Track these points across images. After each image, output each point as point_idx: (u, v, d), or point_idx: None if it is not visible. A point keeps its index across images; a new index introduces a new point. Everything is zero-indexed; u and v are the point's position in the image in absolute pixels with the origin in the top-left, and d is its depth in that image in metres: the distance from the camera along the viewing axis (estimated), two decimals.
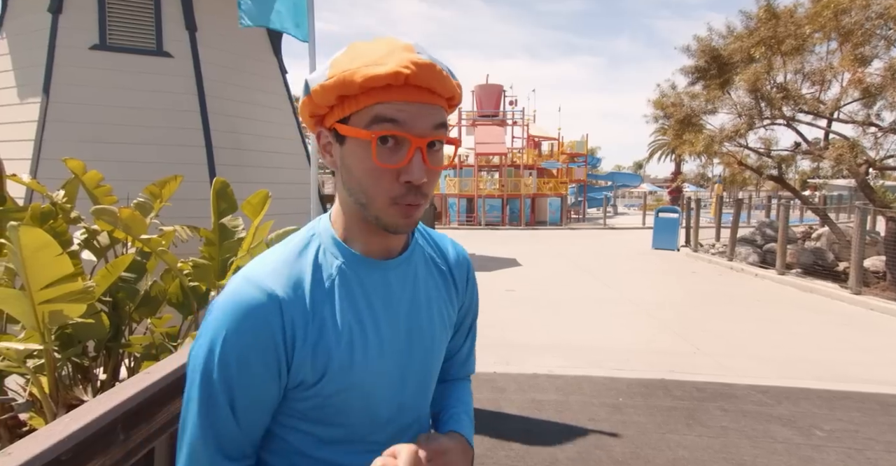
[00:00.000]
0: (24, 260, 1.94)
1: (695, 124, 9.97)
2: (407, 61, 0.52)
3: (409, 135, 0.54)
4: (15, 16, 5.47)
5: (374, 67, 0.52)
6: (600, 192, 26.23)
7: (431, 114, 0.56)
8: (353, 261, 0.61)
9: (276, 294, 0.56)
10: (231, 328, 0.55)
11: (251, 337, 0.55)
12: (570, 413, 3.05)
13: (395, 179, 0.56)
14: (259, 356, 0.55)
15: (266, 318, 0.55)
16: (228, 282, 0.58)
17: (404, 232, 0.60)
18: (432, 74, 0.53)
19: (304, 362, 0.57)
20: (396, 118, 0.54)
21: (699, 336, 4.77)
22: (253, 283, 0.56)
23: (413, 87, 0.54)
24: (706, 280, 7.94)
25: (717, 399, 3.28)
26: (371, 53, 0.54)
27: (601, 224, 18.67)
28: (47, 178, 3.97)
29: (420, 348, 0.65)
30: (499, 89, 21.09)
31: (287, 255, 0.60)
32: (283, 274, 0.58)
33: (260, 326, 0.55)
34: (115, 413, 0.68)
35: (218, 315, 0.56)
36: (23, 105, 5.16)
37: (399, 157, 0.55)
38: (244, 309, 0.55)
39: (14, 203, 2.73)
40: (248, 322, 0.55)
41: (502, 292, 6.65)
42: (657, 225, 11.69)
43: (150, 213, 3.21)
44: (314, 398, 0.59)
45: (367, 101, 0.54)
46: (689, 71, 10.12)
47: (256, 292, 0.56)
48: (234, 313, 0.55)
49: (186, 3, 5.52)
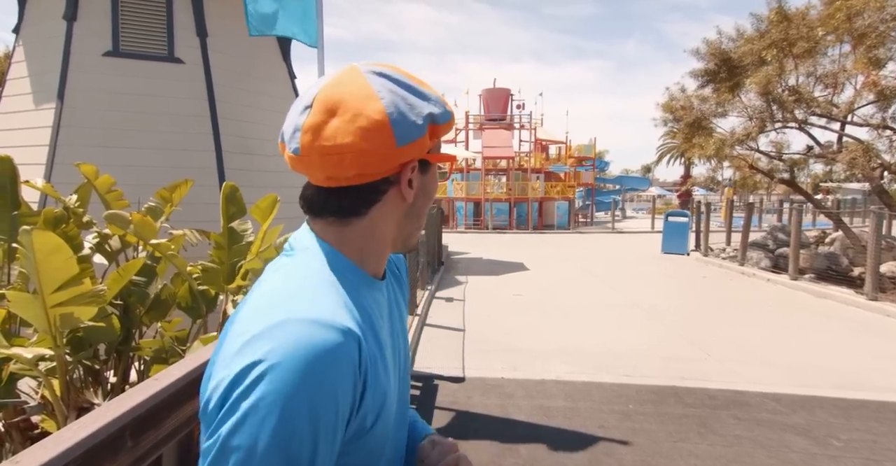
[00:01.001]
0: (36, 263, 1.97)
1: (705, 127, 9.88)
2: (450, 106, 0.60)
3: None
4: (31, 23, 5.58)
5: (448, 111, 0.58)
6: (608, 196, 26.08)
7: None
8: (365, 283, 0.56)
9: (353, 330, 0.46)
10: (323, 385, 0.42)
11: (345, 390, 0.44)
12: (580, 419, 3.01)
13: None
14: (348, 410, 0.46)
15: (352, 362, 0.45)
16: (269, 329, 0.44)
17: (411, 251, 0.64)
18: None
19: (370, 406, 0.49)
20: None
21: (710, 342, 4.70)
22: (317, 322, 0.44)
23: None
24: (717, 285, 7.84)
25: (730, 406, 3.23)
26: (433, 94, 0.59)
27: (609, 228, 18.54)
28: (61, 183, 4.02)
29: (402, 363, 0.64)
30: (506, 93, 21.09)
31: (320, 282, 0.51)
32: (340, 306, 0.49)
33: (350, 373, 0.45)
34: (123, 420, 0.67)
35: (289, 375, 0.41)
36: (38, 111, 5.25)
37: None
38: (330, 357, 0.43)
39: (28, 207, 2.77)
40: (340, 373, 0.44)
41: (509, 297, 6.61)
42: (666, 229, 11.58)
43: (160, 217, 3.25)
44: (361, 447, 0.51)
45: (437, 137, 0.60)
46: (698, 74, 10.05)
47: (334, 334, 0.44)
48: (321, 364, 0.42)
49: (198, 9, 5.60)
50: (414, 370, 3.71)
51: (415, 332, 4.41)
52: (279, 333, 0.43)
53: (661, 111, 10.79)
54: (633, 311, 5.90)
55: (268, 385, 0.41)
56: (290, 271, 0.53)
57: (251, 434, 0.41)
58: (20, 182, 2.83)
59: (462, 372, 3.72)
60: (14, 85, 5.62)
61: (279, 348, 0.42)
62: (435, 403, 3.18)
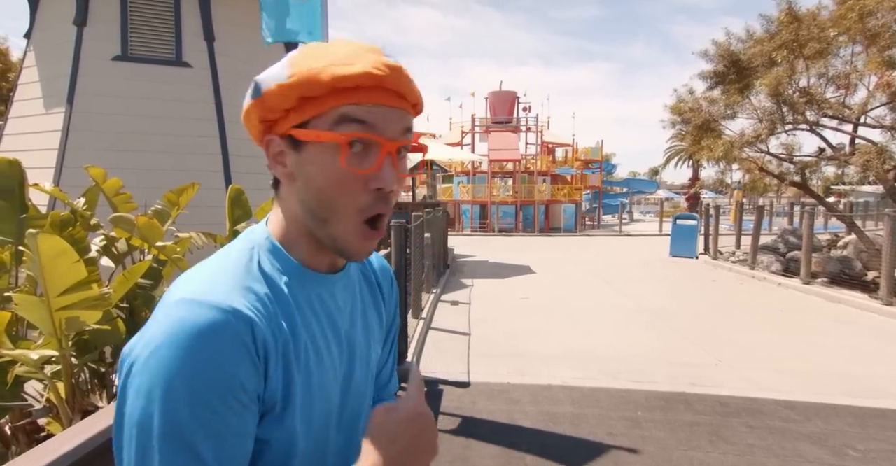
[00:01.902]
0: (42, 267, 1.96)
1: (713, 129, 9.78)
2: (379, 63, 0.49)
3: (381, 138, 0.50)
4: (42, 28, 5.65)
5: (344, 67, 0.48)
6: (615, 199, 25.91)
7: (401, 117, 0.52)
8: (299, 276, 0.55)
9: (239, 309, 0.47)
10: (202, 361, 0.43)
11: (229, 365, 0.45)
12: (587, 426, 2.96)
13: (364, 187, 0.51)
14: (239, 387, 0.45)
15: (240, 337, 0.46)
16: (161, 312, 0.46)
17: (362, 258, 0.55)
18: (402, 78, 0.51)
19: (276, 390, 0.49)
20: (366, 119, 0.49)
21: (721, 347, 4.62)
22: (203, 304, 0.45)
23: (382, 90, 0.50)
24: (727, 288, 7.73)
25: (742, 414, 3.16)
26: (337, 52, 0.51)
27: (617, 231, 18.41)
28: (70, 186, 4.05)
29: (361, 367, 0.61)
30: (512, 96, 21.07)
31: (231, 268, 0.51)
32: (236, 289, 0.49)
33: (236, 349, 0.45)
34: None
35: (169, 353, 0.43)
36: (48, 115, 5.31)
37: (369, 163, 0.50)
38: (210, 334, 0.44)
39: (36, 210, 2.78)
40: (222, 348, 0.44)
41: (516, 300, 6.56)
42: (675, 232, 11.46)
43: (167, 220, 3.25)
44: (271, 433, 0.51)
45: (332, 103, 0.49)
46: (707, 75, 9.96)
47: (215, 312, 0.45)
48: (198, 341, 0.43)
49: (205, 14, 5.64)
50: None
51: (419, 336, 4.37)
52: (168, 313, 0.45)
53: (669, 113, 10.70)
54: (641, 315, 5.83)
55: (150, 363, 0.43)
56: (218, 255, 0.54)
57: (140, 411, 0.43)
58: (28, 185, 2.84)
59: (467, 377, 3.68)
60: (25, 89, 5.69)
61: (164, 328, 0.44)
62: (440, 408, 3.14)
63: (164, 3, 5.51)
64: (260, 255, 0.54)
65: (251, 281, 0.51)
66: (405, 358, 3.65)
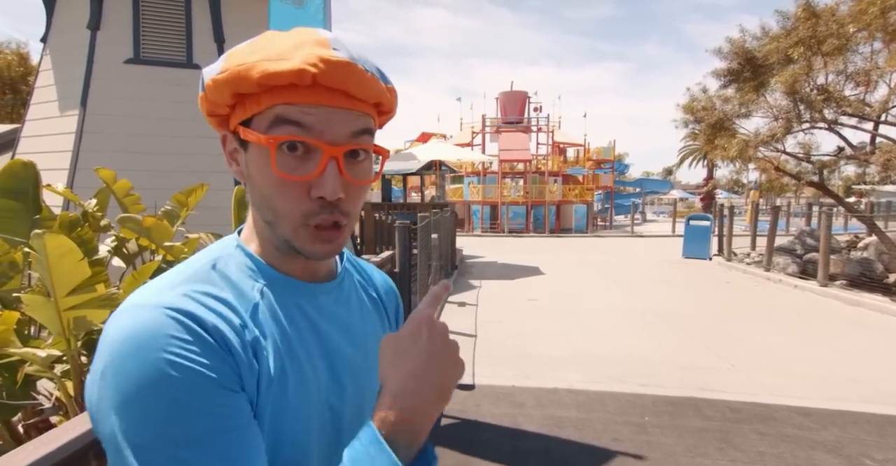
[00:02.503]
0: (49, 267, 1.99)
1: (727, 128, 9.60)
2: (315, 58, 0.44)
3: (320, 142, 0.46)
4: (57, 32, 5.77)
5: (276, 63, 0.44)
6: (628, 199, 25.62)
7: (349, 119, 0.47)
8: (275, 283, 0.51)
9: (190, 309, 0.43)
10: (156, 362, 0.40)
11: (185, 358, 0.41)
12: (592, 431, 2.91)
13: (306, 194, 0.47)
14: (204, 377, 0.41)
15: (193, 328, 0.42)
16: (111, 323, 0.43)
17: (322, 258, 0.51)
18: (347, 74, 0.45)
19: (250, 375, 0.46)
20: (302, 122, 0.46)
21: (733, 351, 4.52)
22: (148, 306, 0.43)
23: (323, 88, 0.46)
24: (741, 291, 7.57)
25: (753, 420, 3.08)
26: (277, 46, 0.46)
27: (629, 231, 18.19)
28: (84, 187, 4.13)
29: (355, 378, 0.56)
30: (523, 96, 20.97)
31: (188, 275, 0.47)
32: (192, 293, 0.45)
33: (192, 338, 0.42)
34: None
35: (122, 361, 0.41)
36: (62, 117, 5.41)
37: (309, 168, 0.46)
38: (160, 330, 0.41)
39: (49, 211, 2.83)
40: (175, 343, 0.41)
41: (524, 302, 6.51)
42: (688, 233, 11.28)
43: (177, 221, 3.29)
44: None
45: (268, 102, 0.46)
46: (720, 74, 9.78)
47: (160, 312, 0.42)
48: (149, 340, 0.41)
49: (216, 16, 5.71)
50: None
51: None
52: (117, 319, 0.44)
53: (682, 112, 10.53)
54: (650, 317, 5.74)
55: (101, 384, 0.41)
56: (181, 264, 0.51)
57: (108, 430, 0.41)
58: (42, 186, 2.89)
59: (472, 380, 3.65)
60: (41, 92, 5.82)
61: (110, 334, 0.43)
62: (443, 411, 3.12)
63: (176, 6, 5.59)
64: (226, 263, 0.51)
65: (209, 287, 0.47)
66: None
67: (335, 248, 0.51)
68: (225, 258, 0.51)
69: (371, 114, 0.50)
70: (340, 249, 0.52)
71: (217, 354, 0.43)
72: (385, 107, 0.51)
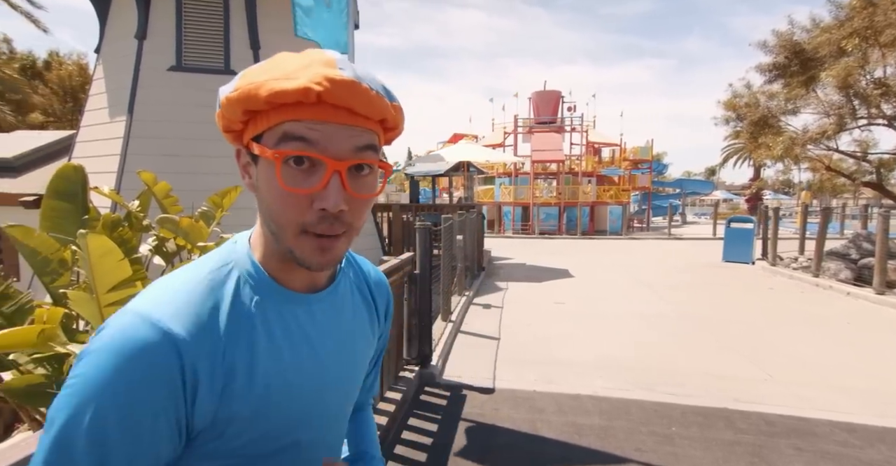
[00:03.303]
0: (91, 265, 2.12)
1: (772, 126, 9.11)
2: (320, 77, 0.47)
3: (324, 156, 0.48)
4: (109, 43, 6.16)
5: (283, 82, 0.47)
6: (666, 200, 24.73)
7: (353, 135, 0.50)
8: (274, 295, 0.55)
9: (175, 333, 0.47)
10: (115, 377, 0.44)
11: (142, 390, 0.45)
12: (614, 440, 2.82)
13: (309, 206, 0.50)
14: (149, 414, 0.45)
15: (162, 364, 0.46)
16: (114, 317, 0.47)
17: (321, 269, 0.53)
18: (351, 92, 0.48)
19: (207, 413, 0.49)
20: (307, 137, 0.48)
21: (772, 361, 4.27)
22: (146, 320, 0.47)
23: (328, 106, 0.48)
24: (785, 297, 7.15)
25: (791, 435, 2.90)
26: (285, 66, 0.49)
27: (665, 233, 17.53)
28: (131, 189, 4.38)
29: (342, 388, 0.61)
30: (556, 95, 20.64)
31: (196, 284, 0.51)
32: (186, 309, 0.49)
33: (154, 375, 0.45)
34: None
35: (96, 359, 0.44)
36: (111, 123, 5.77)
37: (313, 182, 0.49)
38: (134, 353, 0.45)
39: (97, 212, 3.02)
40: (139, 370, 0.45)
41: (550, 305, 6.39)
42: (728, 235, 10.77)
43: (212, 222, 3.44)
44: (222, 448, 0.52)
45: (276, 119, 0.49)
46: (765, 68, 9.30)
47: (150, 331, 0.46)
48: (120, 357, 0.44)
49: (252, 24, 5.93)
50: (442, 378, 3.66)
51: (447, 339, 4.35)
52: (112, 323, 0.47)
53: (723, 109, 10.09)
54: (684, 324, 5.51)
55: (76, 367, 0.46)
56: (195, 265, 0.55)
57: (52, 410, 0.45)
58: (90, 189, 3.09)
59: (492, 383, 3.62)
60: (94, 100, 6.22)
61: (102, 338, 0.46)
62: (461, 414, 3.10)
63: (215, 15, 5.85)
64: (234, 273, 0.54)
65: (210, 301, 0.51)
66: (430, 362, 3.64)
67: (333, 258, 0.52)
68: (235, 267, 0.54)
69: (375, 131, 0.52)
70: (339, 259, 0.54)
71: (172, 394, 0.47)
72: (390, 124, 0.53)
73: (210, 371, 0.49)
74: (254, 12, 5.90)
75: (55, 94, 18.04)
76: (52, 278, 2.55)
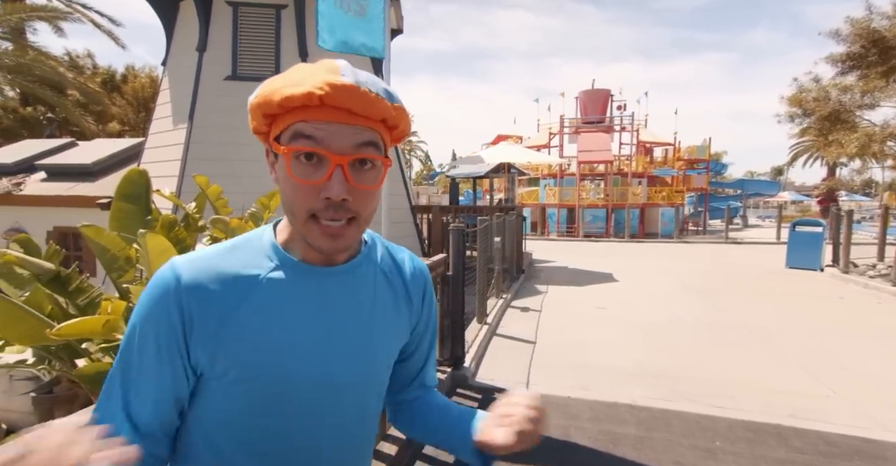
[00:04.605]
0: (149, 263, 2.31)
1: (845, 121, 8.36)
2: (322, 82, 0.54)
3: (327, 152, 0.55)
4: (174, 55, 6.66)
5: (292, 88, 0.55)
6: (725, 202, 23.28)
7: (353, 133, 0.56)
8: (288, 266, 0.63)
9: (182, 279, 0.59)
10: (141, 301, 0.60)
11: (152, 313, 0.59)
12: (652, 452, 2.70)
13: (316, 195, 0.57)
14: (153, 334, 0.59)
15: (165, 299, 0.58)
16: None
17: (332, 253, 0.61)
18: (349, 95, 0.54)
19: (204, 350, 0.59)
20: (313, 135, 0.55)
21: (837, 375, 3.92)
22: (171, 265, 0.60)
23: (330, 108, 0.55)
24: (857, 308, 6.53)
25: (854, 458, 2.65)
26: (296, 74, 0.57)
27: (722, 237, 16.50)
28: (189, 192, 4.72)
29: (349, 359, 0.65)
30: (605, 94, 20.03)
31: (221, 247, 0.64)
32: (200, 262, 0.61)
33: (159, 306, 0.59)
34: None
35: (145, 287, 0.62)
36: (174, 130, 6.24)
37: (320, 174, 0.56)
38: (153, 286, 0.59)
39: (158, 213, 3.28)
40: (152, 299, 0.59)
41: (591, 309, 6.20)
42: (793, 239, 9.97)
43: (261, 222, 3.64)
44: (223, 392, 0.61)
45: (289, 120, 0.56)
46: (838, 59, 8.57)
47: (168, 274, 0.59)
48: (148, 288, 0.60)
49: (301, 33, 6.21)
50: (475, 381, 3.65)
51: (481, 341, 4.34)
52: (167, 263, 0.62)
53: (788, 105, 9.38)
54: (737, 333, 5.17)
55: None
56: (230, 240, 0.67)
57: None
58: (152, 191, 3.36)
59: (526, 387, 3.57)
60: (161, 109, 6.75)
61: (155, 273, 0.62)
62: None
63: (268, 26, 6.19)
64: (254, 243, 0.64)
65: (223, 260, 0.62)
66: (462, 364, 3.65)
67: (342, 243, 0.59)
68: (255, 240, 0.65)
69: (377, 129, 0.59)
70: (348, 244, 0.61)
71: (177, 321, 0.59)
72: (391, 123, 0.60)
73: (204, 311, 0.59)
74: (302, 21, 6.18)
75: (130, 105, 19.75)
76: (118, 274, 2.78)
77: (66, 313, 2.37)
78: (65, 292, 2.43)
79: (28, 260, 2.28)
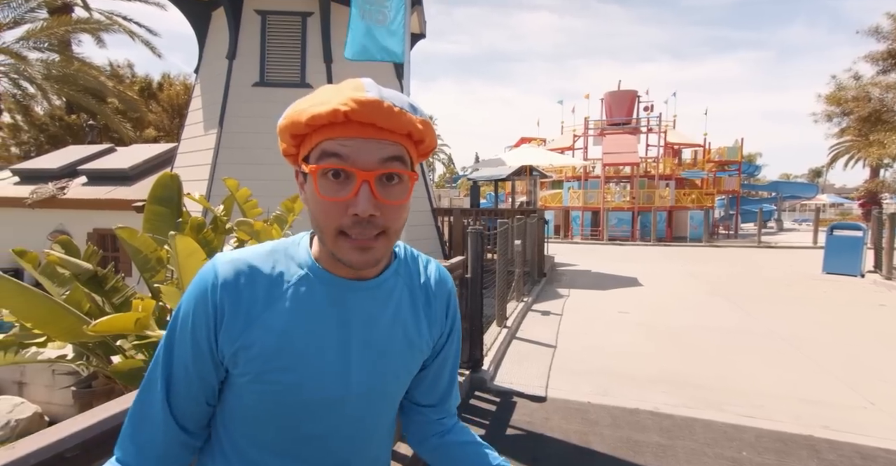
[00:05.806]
0: (179, 264, 2.41)
1: (887, 121, 7.97)
2: (347, 99, 0.55)
3: (354, 168, 0.56)
4: (206, 64, 6.92)
5: (318, 107, 0.56)
6: (758, 205, 22.45)
7: (379, 148, 0.57)
8: (316, 276, 0.64)
9: (220, 273, 0.62)
10: (185, 295, 0.63)
11: (190, 308, 0.62)
12: (674, 460, 2.64)
13: (344, 212, 0.57)
14: (190, 327, 0.62)
15: (204, 294, 0.62)
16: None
17: (360, 267, 0.60)
18: (373, 110, 0.55)
19: (231, 343, 0.61)
20: (339, 152, 0.56)
21: (876, 387, 3.73)
22: (213, 263, 0.64)
23: (355, 124, 0.56)
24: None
25: None
26: (322, 95, 0.58)
27: (754, 241, 15.92)
28: (218, 195, 4.89)
29: (364, 369, 0.66)
30: (631, 95, 19.65)
31: (261, 249, 0.66)
32: (239, 262, 0.63)
33: (198, 301, 0.62)
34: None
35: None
36: (205, 136, 6.47)
37: (346, 191, 0.56)
38: (195, 282, 0.63)
39: (188, 215, 3.41)
40: (193, 294, 0.63)
41: (613, 314, 6.09)
42: (830, 244, 9.55)
43: (285, 225, 3.74)
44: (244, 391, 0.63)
45: (316, 139, 0.57)
46: (879, 57, 8.18)
47: (209, 271, 0.63)
48: (192, 283, 0.63)
49: (326, 39, 6.36)
50: (493, 384, 3.64)
51: (500, 345, 4.32)
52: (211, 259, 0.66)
53: (825, 104, 9.01)
54: (768, 341, 4.98)
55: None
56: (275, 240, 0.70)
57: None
58: (184, 195, 3.49)
59: (544, 392, 3.54)
60: (193, 115, 7.02)
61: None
62: (510, 421, 3.07)
63: (294, 34, 6.36)
64: (291, 250, 0.66)
65: (260, 262, 0.64)
66: (481, 366, 3.64)
67: (371, 258, 0.59)
68: (291, 247, 0.67)
69: (402, 144, 0.59)
70: (377, 259, 0.60)
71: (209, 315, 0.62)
72: (416, 136, 0.60)
73: (234, 310, 0.61)
74: (328, 28, 6.33)
75: (165, 112, 20.56)
76: (151, 274, 2.90)
77: (102, 311, 2.49)
78: (101, 291, 2.55)
79: (68, 261, 2.41)
